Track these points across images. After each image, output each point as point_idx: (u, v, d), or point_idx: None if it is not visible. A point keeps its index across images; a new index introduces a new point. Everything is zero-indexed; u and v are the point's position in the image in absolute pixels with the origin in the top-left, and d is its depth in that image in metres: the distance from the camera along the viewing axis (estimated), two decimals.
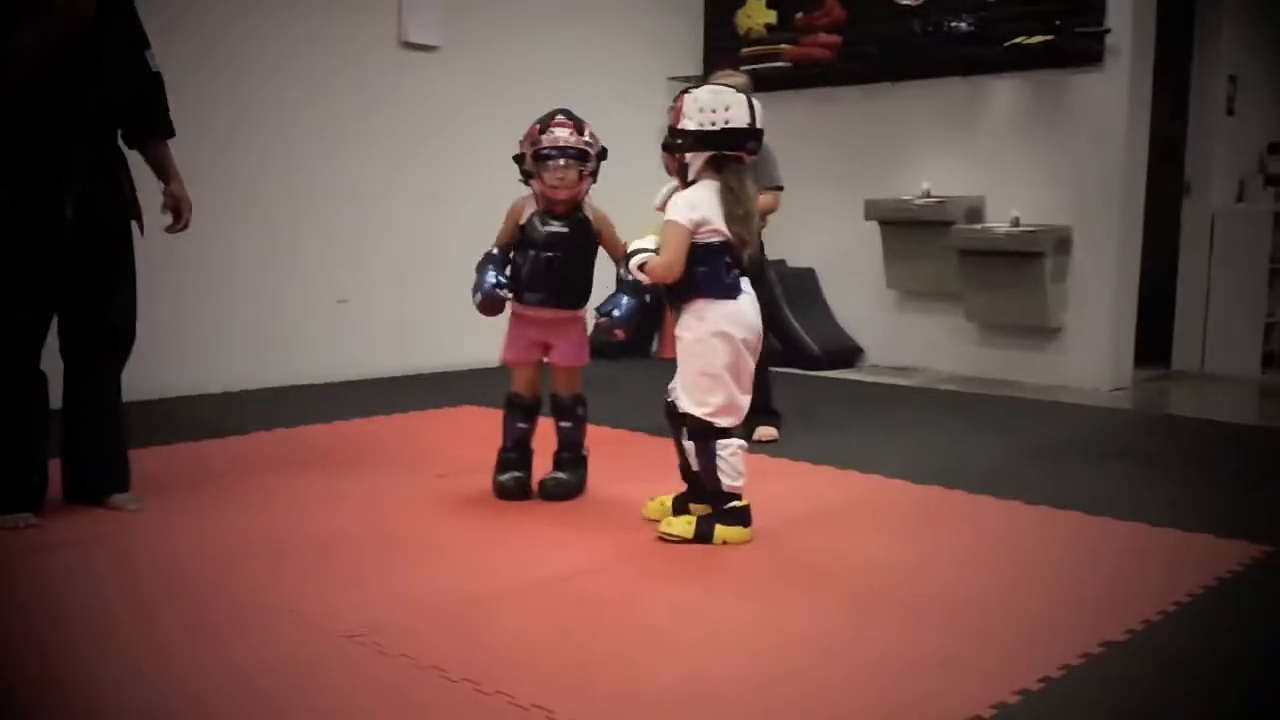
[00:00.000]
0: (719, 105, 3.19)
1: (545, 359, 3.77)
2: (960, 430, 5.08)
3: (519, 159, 3.70)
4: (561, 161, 3.60)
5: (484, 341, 6.62)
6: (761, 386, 4.71)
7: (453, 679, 2.27)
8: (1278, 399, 6.33)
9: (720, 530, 3.23)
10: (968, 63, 6.49)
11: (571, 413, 3.77)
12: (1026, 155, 6.46)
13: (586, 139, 3.66)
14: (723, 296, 3.24)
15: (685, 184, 3.28)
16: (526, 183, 3.73)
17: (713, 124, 3.18)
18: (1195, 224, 7.11)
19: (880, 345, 7.04)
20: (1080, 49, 6.14)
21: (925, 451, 4.57)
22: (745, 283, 3.31)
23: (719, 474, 3.23)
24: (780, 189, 4.59)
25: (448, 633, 2.54)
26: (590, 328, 3.74)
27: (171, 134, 3.65)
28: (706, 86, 3.33)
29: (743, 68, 5.38)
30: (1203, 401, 6.10)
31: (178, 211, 3.63)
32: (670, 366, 3.39)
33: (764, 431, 4.64)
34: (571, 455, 3.78)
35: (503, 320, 3.78)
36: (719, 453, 3.22)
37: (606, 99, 7.15)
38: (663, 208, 3.32)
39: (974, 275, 6.44)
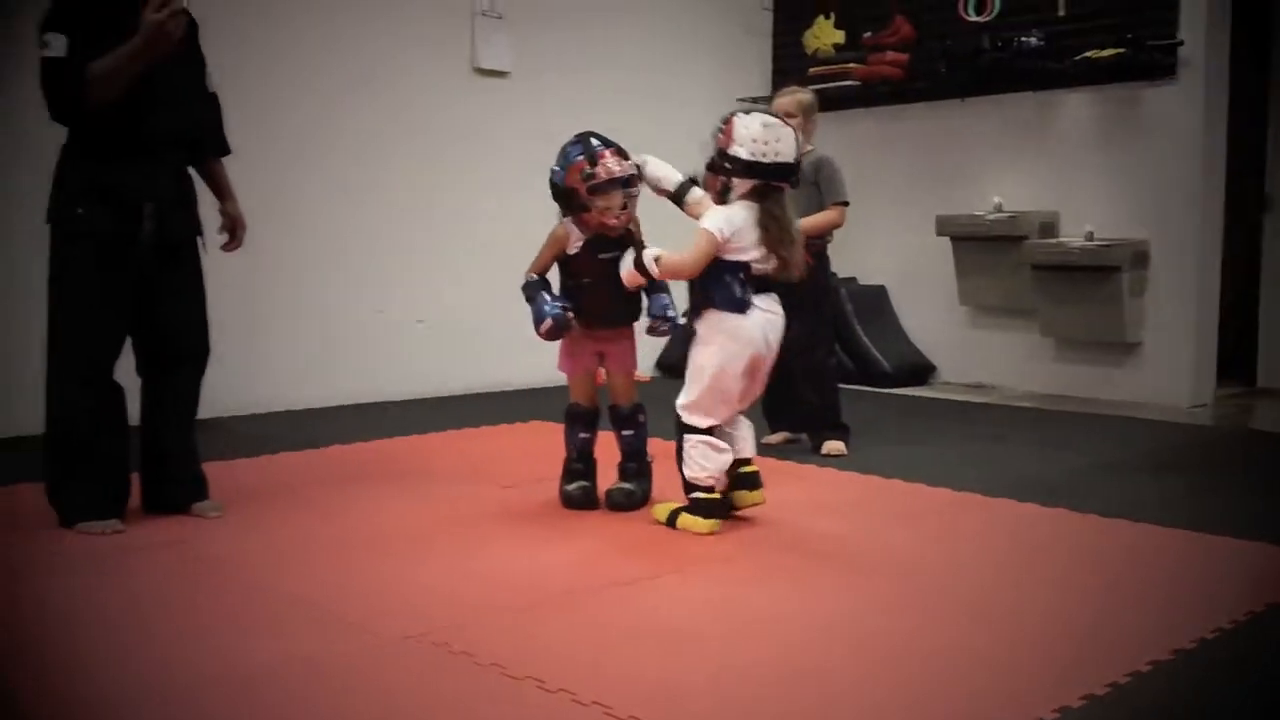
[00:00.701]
0: (771, 138, 3.37)
1: (601, 368, 3.83)
2: (1034, 445, 5.01)
3: (567, 193, 3.65)
4: (617, 192, 3.61)
5: (551, 357, 6.74)
6: (830, 402, 4.71)
7: (515, 676, 2.30)
8: None
9: (682, 518, 3.45)
10: (1038, 77, 6.44)
11: (633, 421, 3.81)
12: (1100, 169, 6.38)
13: (630, 163, 3.66)
14: (733, 310, 3.41)
15: (722, 203, 3.46)
16: (569, 213, 3.70)
17: (764, 155, 3.36)
18: (1278, 236, 6.96)
19: (953, 362, 6.98)
20: (1153, 61, 6.06)
21: (998, 466, 4.52)
22: (767, 300, 3.47)
23: (683, 464, 3.46)
24: (845, 204, 4.58)
25: (509, 633, 2.58)
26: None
27: (228, 152, 3.73)
28: (758, 115, 3.45)
29: (811, 87, 5.39)
30: None
31: (233, 230, 3.73)
32: None
33: (832, 446, 4.63)
34: (637, 465, 3.81)
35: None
36: (685, 445, 3.45)
37: (675, 120, 7.22)
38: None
39: (1049, 290, 6.36)
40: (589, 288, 3.70)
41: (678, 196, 3.61)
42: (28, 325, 3.82)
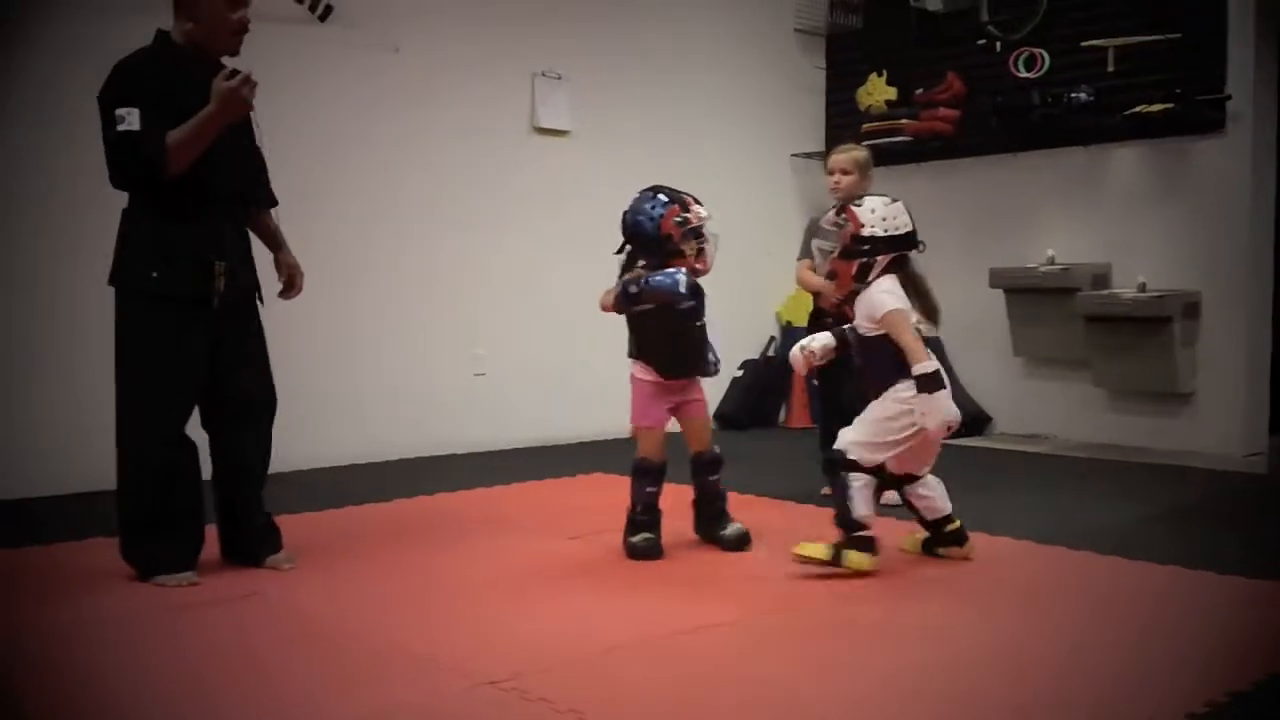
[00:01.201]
0: (893, 214, 3.70)
1: (674, 419, 3.99)
2: (1089, 495, 5.08)
3: (660, 240, 3.84)
4: (706, 237, 3.84)
5: (611, 412, 6.88)
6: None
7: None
8: None
9: (849, 555, 3.57)
10: (1088, 132, 6.55)
11: (718, 466, 3.98)
12: (1151, 221, 6.47)
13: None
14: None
15: (861, 283, 3.72)
16: (650, 260, 3.87)
17: (895, 229, 3.68)
18: None
19: (1009, 413, 7.05)
20: (1202, 116, 6.16)
21: (1053, 515, 4.59)
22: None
23: (850, 503, 3.59)
24: None
25: (584, 679, 2.66)
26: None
27: (275, 203, 3.87)
28: (869, 199, 3.76)
29: (864, 143, 5.54)
30: None
31: (291, 279, 3.85)
32: (797, 436, 3.57)
33: (888, 494, 4.72)
34: (724, 506, 3.98)
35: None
36: (852, 484, 3.60)
37: (731, 176, 7.44)
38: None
39: (1102, 341, 6.44)
40: (661, 339, 3.85)
41: None
42: (95, 380, 3.89)
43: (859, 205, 3.71)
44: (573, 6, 6.78)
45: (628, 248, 4.00)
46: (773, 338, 7.63)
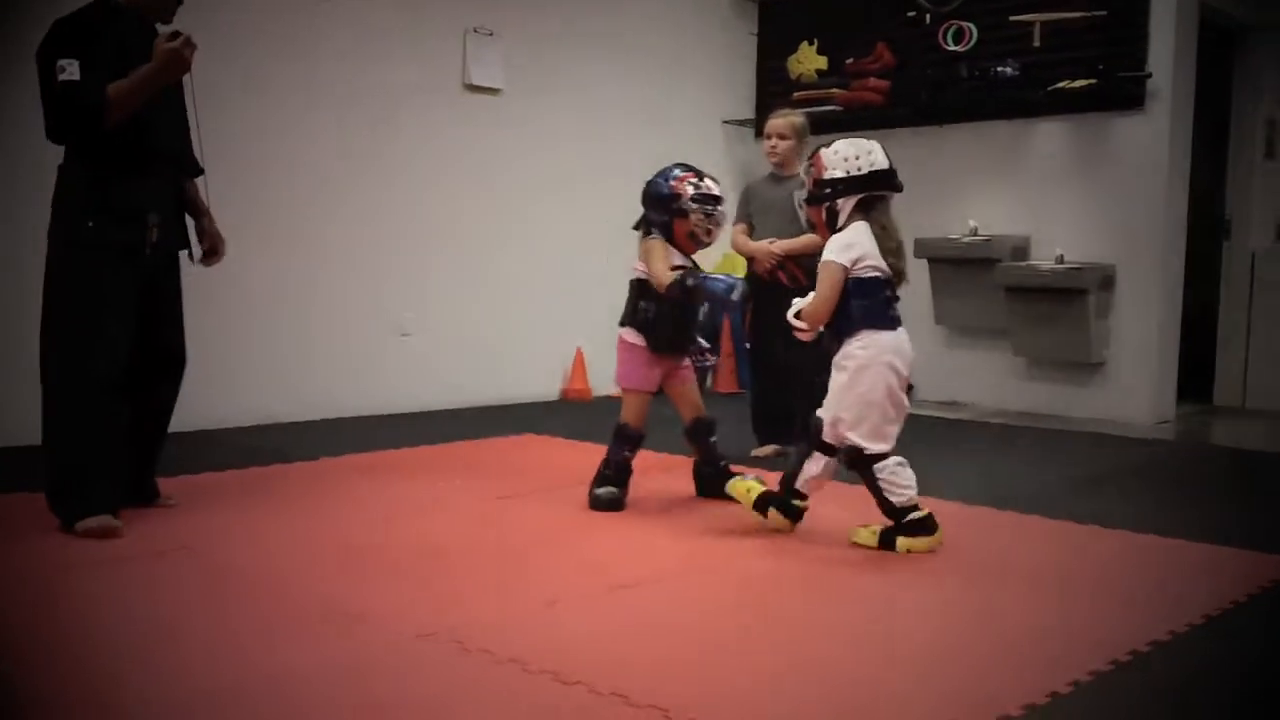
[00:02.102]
0: (861, 152, 3.47)
1: (663, 388, 4.07)
2: (1010, 459, 5.25)
3: (670, 198, 3.91)
4: (715, 210, 3.92)
5: (541, 374, 6.91)
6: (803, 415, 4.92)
7: (532, 671, 2.39)
8: None
9: (902, 541, 3.45)
10: (1013, 106, 6.70)
11: (714, 427, 4.09)
12: (1071, 195, 6.65)
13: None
14: (886, 327, 3.48)
15: (834, 231, 3.52)
16: (654, 227, 3.97)
17: (859, 169, 3.46)
18: (1235, 263, 7.27)
19: (930, 380, 7.18)
20: (1122, 93, 6.34)
21: (976, 478, 4.73)
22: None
23: (886, 494, 3.46)
24: None
25: (525, 631, 2.67)
26: None
27: (201, 172, 3.90)
28: (841, 139, 3.54)
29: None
30: (1244, 434, 6.25)
31: (214, 246, 3.90)
32: (726, 401, 3.64)
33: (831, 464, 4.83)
34: (727, 465, 4.05)
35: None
36: (879, 476, 3.45)
37: (664, 141, 7.43)
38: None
39: (1020, 311, 6.62)
40: (658, 314, 3.92)
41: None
42: (20, 340, 3.89)
43: (826, 147, 3.52)
44: None
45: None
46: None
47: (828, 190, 3.50)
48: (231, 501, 3.94)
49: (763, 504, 3.64)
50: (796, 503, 3.61)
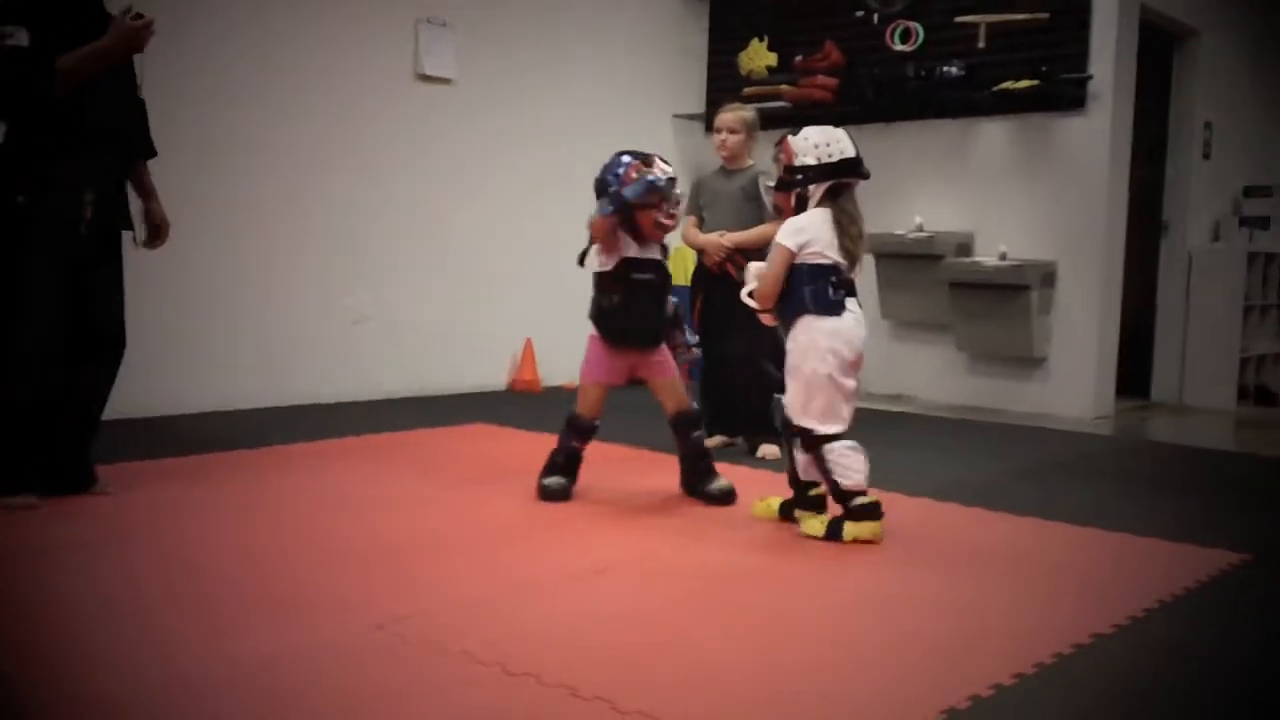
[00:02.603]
0: (831, 139, 3.52)
1: (633, 379, 4.03)
2: (952, 452, 5.34)
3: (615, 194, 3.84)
4: (672, 192, 3.86)
5: (491, 364, 6.92)
6: (765, 409, 4.97)
7: (482, 662, 2.40)
8: (1252, 429, 6.62)
9: (849, 528, 3.47)
10: (958, 105, 6.80)
11: (700, 421, 4.05)
12: (1014, 193, 6.76)
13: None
14: (827, 313, 3.52)
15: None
16: (629, 217, 3.87)
17: (829, 156, 3.51)
18: (1173, 262, 7.44)
19: (874, 374, 7.24)
20: (1064, 94, 6.46)
21: (920, 470, 4.80)
22: (853, 303, 3.59)
23: (834, 476, 3.48)
24: None
25: (474, 621, 2.68)
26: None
27: (153, 154, 3.89)
28: (811, 127, 3.59)
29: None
30: (1181, 430, 6.41)
31: (158, 230, 3.89)
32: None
33: (768, 449, 4.90)
34: (710, 463, 4.02)
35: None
36: (828, 457, 3.49)
37: (614, 134, 7.44)
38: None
39: (964, 307, 6.72)
40: (619, 307, 3.89)
41: None
42: None
43: (795, 135, 3.56)
44: None
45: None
46: None
47: (798, 176, 3.54)
48: (179, 488, 3.92)
49: (788, 511, 3.66)
50: (812, 493, 3.62)
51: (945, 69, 6.70)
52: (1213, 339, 7.28)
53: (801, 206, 3.57)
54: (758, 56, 7.59)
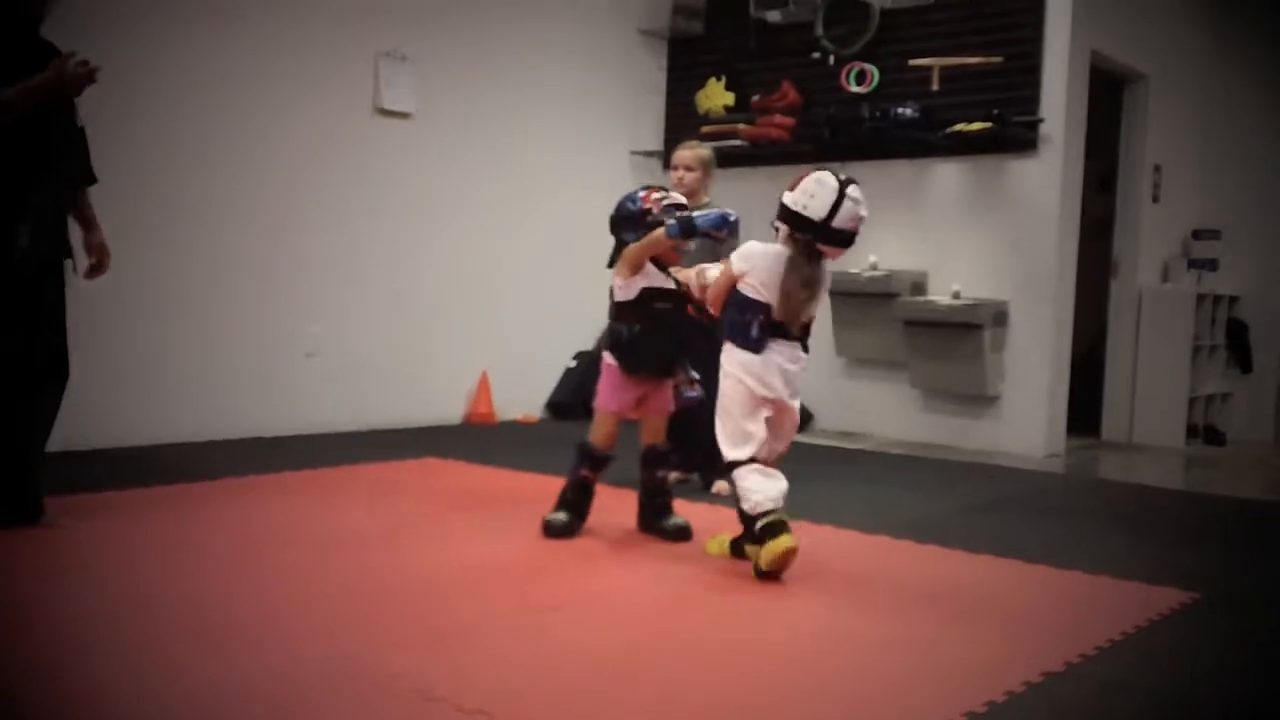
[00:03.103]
0: (811, 190, 3.43)
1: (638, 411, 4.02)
2: (906, 489, 5.37)
3: (639, 215, 3.89)
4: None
5: (446, 398, 6.89)
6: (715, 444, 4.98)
7: (433, 698, 2.38)
8: (1201, 467, 6.71)
9: (749, 550, 3.47)
10: (913, 146, 6.89)
11: (667, 460, 4.03)
12: (967, 233, 6.85)
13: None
14: (744, 347, 3.51)
15: None
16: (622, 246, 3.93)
17: (794, 203, 3.44)
18: (1124, 302, 7.55)
19: (829, 411, 7.33)
20: (1016, 136, 6.56)
21: (874, 507, 4.83)
22: (784, 346, 3.52)
23: (740, 500, 3.47)
24: None
25: (425, 656, 2.65)
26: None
27: (94, 181, 3.86)
28: (824, 172, 3.49)
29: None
30: (1131, 468, 6.48)
31: (100, 260, 3.86)
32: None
33: (722, 486, 4.89)
34: (668, 500, 4.01)
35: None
36: (737, 480, 3.48)
37: (572, 169, 7.54)
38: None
39: (918, 345, 6.79)
40: (638, 336, 3.88)
41: None
42: None
43: (816, 173, 3.49)
44: None
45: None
46: None
47: (778, 212, 3.52)
48: (127, 522, 3.86)
49: (738, 548, 3.61)
50: (765, 520, 3.44)
51: (900, 110, 6.79)
52: (1162, 378, 7.38)
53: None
54: (715, 95, 7.66)
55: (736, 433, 3.51)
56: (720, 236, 3.86)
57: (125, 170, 5.28)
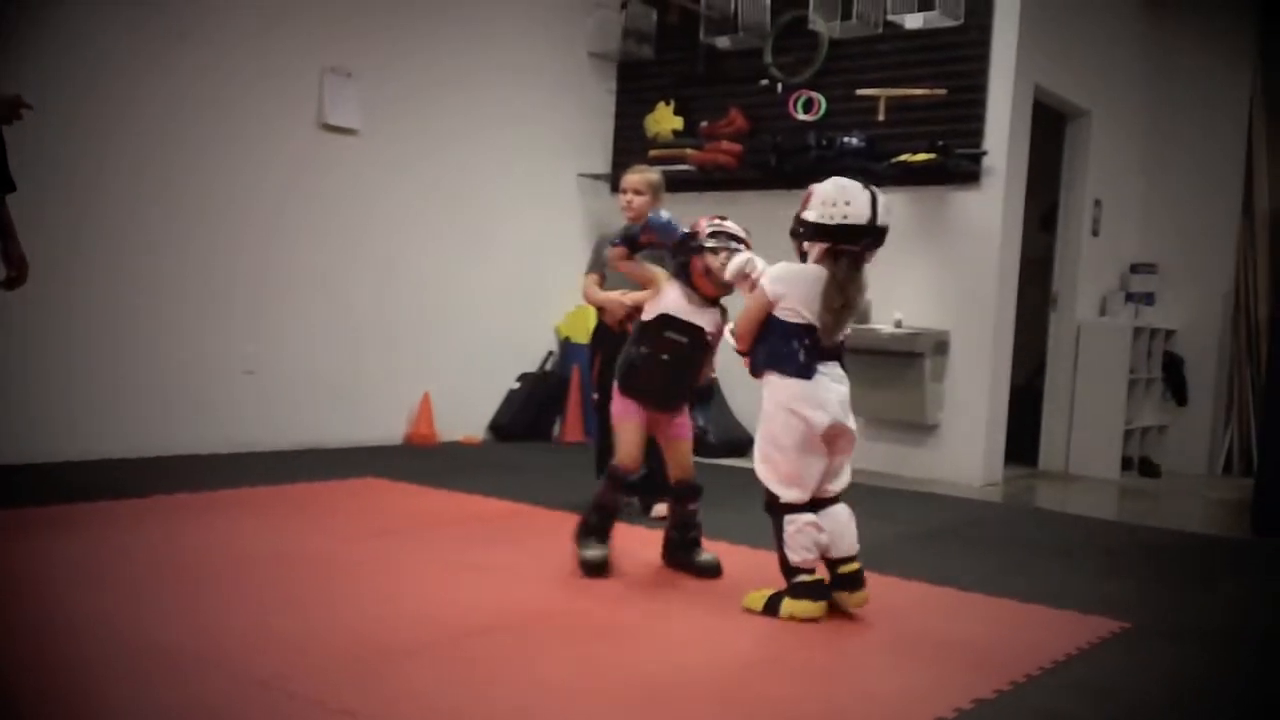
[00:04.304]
0: (840, 199, 3.27)
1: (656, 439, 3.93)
2: None
3: (687, 236, 3.74)
4: (729, 248, 3.70)
5: (386, 418, 6.82)
6: (661, 469, 4.96)
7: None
8: (1135, 498, 6.78)
9: (786, 604, 3.32)
10: (858, 175, 6.86)
11: (699, 494, 3.93)
12: (910, 263, 6.90)
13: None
14: (794, 375, 3.32)
15: None
16: (685, 262, 3.77)
17: (831, 218, 3.28)
18: (1062, 334, 7.65)
19: None
20: (960, 168, 6.64)
21: None
22: (829, 367, 3.36)
23: (785, 548, 3.33)
24: None
25: (359, 680, 2.63)
26: None
27: (12, 189, 3.78)
28: (832, 180, 3.35)
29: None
30: (1067, 498, 6.55)
31: (20, 273, 3.79)
32: (570, 450, 3.64)
33: (660, 509, 4.87)
34: (699, 535, 3.92)
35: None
36: (785, 528, 3.33)
37: (519, 190, 7.52)
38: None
39: (860, 373, 6.75)
40: (648, 361, 3.79)
41: None
42: None
43: (824, 182, 3.35)
44: (367, 1, 6.69)
45: None
46: (551, 352, 7.69)
47: (800, 230, 3.37)
48: (63, 538, 3.78)
49: (773, 602, 3.40)
50: (804, 579, 3.36)
51: (846, 139, 6.85)
52: (1099, 410, 7.47)
53: (804, 260, 3.41)
54: (664, 120, 7.69)
55: (791, 474, 3.33)
56: (661, 243, 3.80)
57: (61, 185, 5.20)
